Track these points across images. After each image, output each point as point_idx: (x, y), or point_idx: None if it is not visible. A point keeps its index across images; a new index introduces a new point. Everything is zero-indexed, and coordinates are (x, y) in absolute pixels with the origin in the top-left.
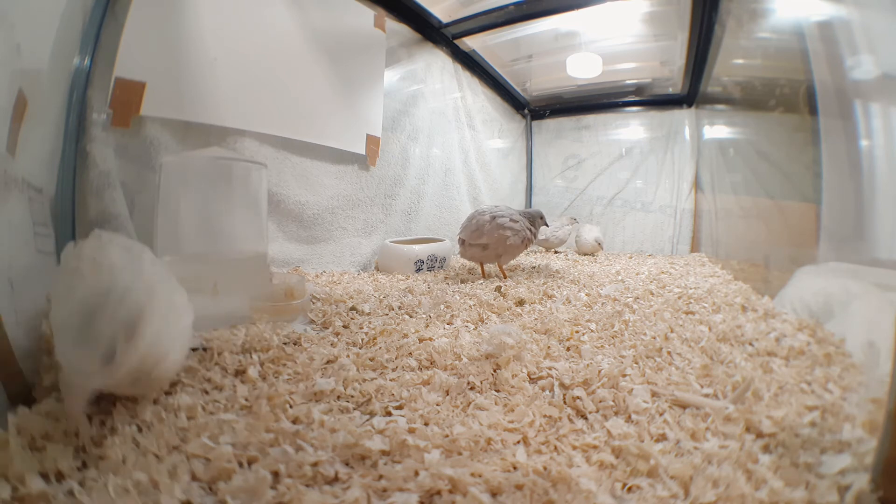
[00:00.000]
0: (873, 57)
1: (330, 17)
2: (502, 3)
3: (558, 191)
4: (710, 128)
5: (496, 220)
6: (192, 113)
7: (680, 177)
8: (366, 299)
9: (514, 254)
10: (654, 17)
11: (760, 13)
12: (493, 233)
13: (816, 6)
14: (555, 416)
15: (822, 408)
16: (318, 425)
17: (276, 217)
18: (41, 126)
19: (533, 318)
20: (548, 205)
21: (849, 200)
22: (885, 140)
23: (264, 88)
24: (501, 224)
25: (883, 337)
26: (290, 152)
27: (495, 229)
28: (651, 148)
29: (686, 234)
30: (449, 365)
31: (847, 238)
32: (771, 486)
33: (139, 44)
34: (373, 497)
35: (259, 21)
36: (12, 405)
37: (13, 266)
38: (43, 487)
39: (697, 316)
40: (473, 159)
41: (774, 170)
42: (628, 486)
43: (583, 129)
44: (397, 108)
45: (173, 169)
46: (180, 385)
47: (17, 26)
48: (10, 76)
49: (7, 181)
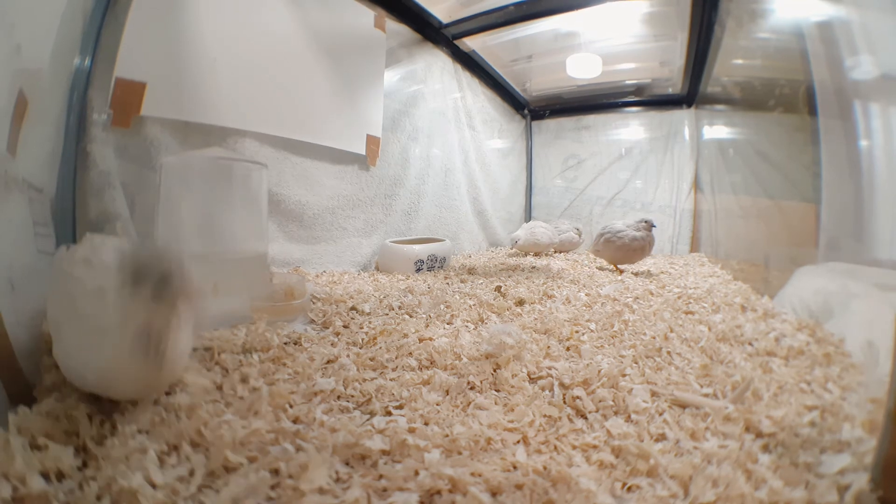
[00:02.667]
0: (873, 57)
1: (330, 17)
2: (502, 4)
3: (558, 191)
4: (710, 128)
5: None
6: (192, 113)
7: (679, 177)
8: (366, 299)
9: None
10: (653, 18)
11: (760, 13)
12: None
13: (816, 6)
14: (555, 415)
15: (822, 408)
16: (319, 425)
17: (276, 217)
18: (42, 126)
19: (533, 318)
20: (548, 205)
21: (848, 200)
22: (885, 140)
23: (265, 89)
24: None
25: (882, 337)
26: (291, 152)
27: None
28: (651, 148)
29: (686, 234)
30: (449, 365)
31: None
32: (770, 485)
33: (139, 44)
34: (373, 497)
35: (259, 21)
36: (13, 405)
37: (14, 266)
38: (43, 487)
39: (697, 316)
40: (473, 159)
41: (774, 170)
42: (628, 486)
43: (583, 130)
44: (397, 109)
45: (174, 169)
46: (181, 385)
47: (18, 26)
48: (11, 76)
49: (7, 181)
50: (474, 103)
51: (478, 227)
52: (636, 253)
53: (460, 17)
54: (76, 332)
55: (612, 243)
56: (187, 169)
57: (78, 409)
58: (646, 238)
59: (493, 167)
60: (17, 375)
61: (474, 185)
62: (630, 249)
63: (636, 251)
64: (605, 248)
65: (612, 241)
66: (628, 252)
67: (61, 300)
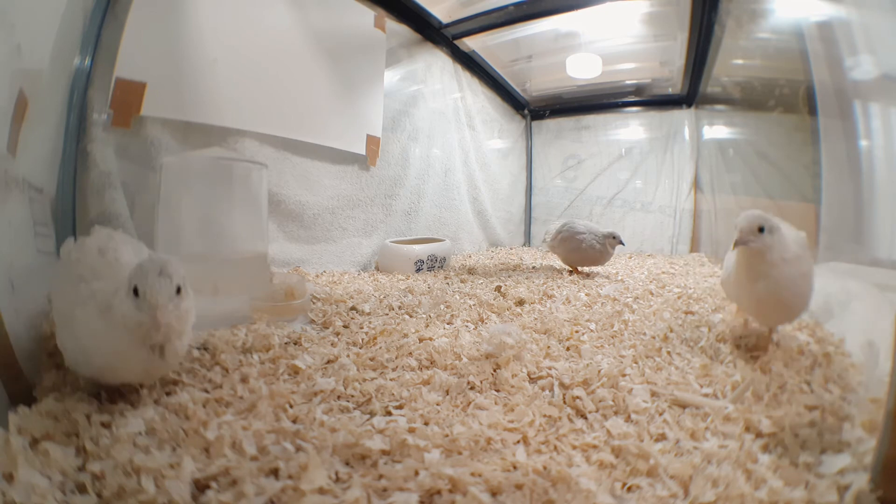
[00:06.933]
0: (873, 57)
1: (330, 17)
2: (502, 4)
3: (558, 191)
4: (710, 128)
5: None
6: (192, 113)
7: (679, 177)
8: (366, 299)
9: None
10: (653, 18)
11: (760, 13)
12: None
13: (816, 6)
14: (554, 415)
15: (822, 408)
16: (319, 425)
17: (276, 217)
18: (42, 126)
19: (533, 318)
20: (547, 205)
21: (848, 200)
22: (885, 140)
23: (265, 89)
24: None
25: (882, 337)
26: (291, 152)
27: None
28: (651, 148)
29: (685, 235)
30: (449, 365)
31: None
32: (770, 485)
33: (140, 44)
34: (373, 497)
35: (259, 21)
36: (13, 405)
37: (14, 266)
38: (44, 487)
39: (697, 316)
40: (473, 159)
41: (774, 170)
42: (628, 486)
43: (582, 130)
44: (397, 109)
45: (174, 169)
46: (181, 385)
47: (18, 26)
48: (11, 76)
49: (8, 181)
50: (474, 103)
51: (478, 227)
52: (589, 259)
53: (460, 18)
54: (83, 318)
55: (566, 243)
56: (187, 169)
57: (78, 409)
58: (603, 252)
59: (493, 167)
60: (17, 375)
61: (474, 185)
62: (581, 252)
63: (589, 258)
64: (560, 247)
65: (567, 240)
66: (582, 256)
67: (69, 287)
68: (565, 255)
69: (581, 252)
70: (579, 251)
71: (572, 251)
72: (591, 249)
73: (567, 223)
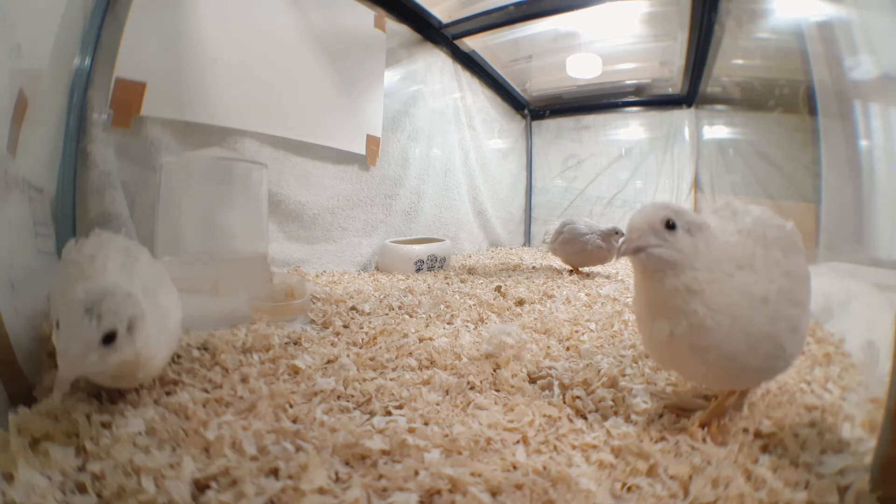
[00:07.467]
0: (872, 57)
1: (330, 17)
2: (502, 4)
3: (558, 191)
4: (710, 128)
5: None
6: (192, 113)
7: (679, 177)
8: (366, 299)
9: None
10: (653, 18)
11: (760, 14)
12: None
13: (816, 6)
14: (554, 415)
15: (822, 408)
16: (319, 425)
17: (276, 217)
18: (42, 126)
19: (533, 318)
20: (547, 205)
21: (848, 200)
22: (885, 140)
23: (264, 89)
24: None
25: (882, 337)
26: (291, 152)
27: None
28: (651, 148)
29: None
30: (449, 365)
31: (846, 238)
32: (770, 486)
33: (139, 44)
34: (373, 496)
35: (259, 21)
36: (13, 405)
37: (14, 266)
38: (44, 487)
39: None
40: (473, 159)
41: (774, 170)
42: (628, 486)
43: (582, 130)
44: (397, 109)
45: (174, 169)
46: (181, 385)
47: (18, 26)
48: (11, 76)
49: (8, 181)
50: (474, 103)
51: (478, 227)
52: (595, 259)
53: (460, 17)
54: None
55: (570, 245)
56: (187, 169)
57: (78, 409)
58: (609, 249)
59: (493, 167)
60: (17, 375)
61: (474, 185)
62: (587, 254)
63: (595, 258)
64: (563, 249)
65: (571, 242)
66: (587, 257)
67: (63, 289)
68: (570, 257)
69: (586, 253)
70: (585, 252)
71: (577, 253)
72: (598, 249)
73: (567, 223)
